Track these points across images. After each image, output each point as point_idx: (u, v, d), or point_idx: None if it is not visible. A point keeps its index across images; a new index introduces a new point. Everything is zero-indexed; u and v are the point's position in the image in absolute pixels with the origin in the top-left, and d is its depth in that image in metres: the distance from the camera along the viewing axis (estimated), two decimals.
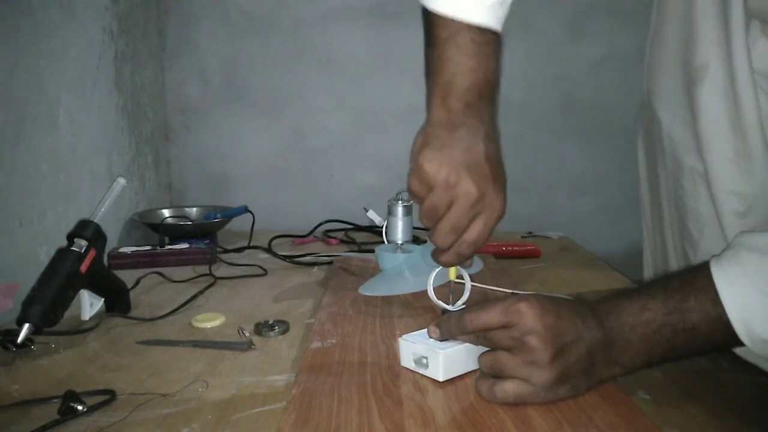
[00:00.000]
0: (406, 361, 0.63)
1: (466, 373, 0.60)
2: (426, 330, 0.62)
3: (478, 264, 0.96)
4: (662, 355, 0.53)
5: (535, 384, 0.53)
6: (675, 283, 0.54)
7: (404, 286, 0.87)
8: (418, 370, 0.61)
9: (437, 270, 0.68)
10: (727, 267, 0.52)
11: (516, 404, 0.53)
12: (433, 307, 0.82)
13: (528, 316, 0.53)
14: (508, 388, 0.53)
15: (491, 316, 0.55)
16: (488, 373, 0.56)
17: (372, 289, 0.87)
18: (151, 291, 0.99)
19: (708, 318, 0.51)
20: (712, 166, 0.72)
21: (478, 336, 0.57)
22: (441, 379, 0.59)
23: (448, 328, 0.59)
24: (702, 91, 0.72)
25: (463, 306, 0.68)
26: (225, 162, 1.67)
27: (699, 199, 0.76)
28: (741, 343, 0.51)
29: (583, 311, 0.55)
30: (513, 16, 0.61)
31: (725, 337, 0.51)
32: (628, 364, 0.54)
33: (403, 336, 0.64)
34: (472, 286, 0.70)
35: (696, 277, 0.53)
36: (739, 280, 0.51)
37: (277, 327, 0.78)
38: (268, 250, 1.24)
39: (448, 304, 0.68)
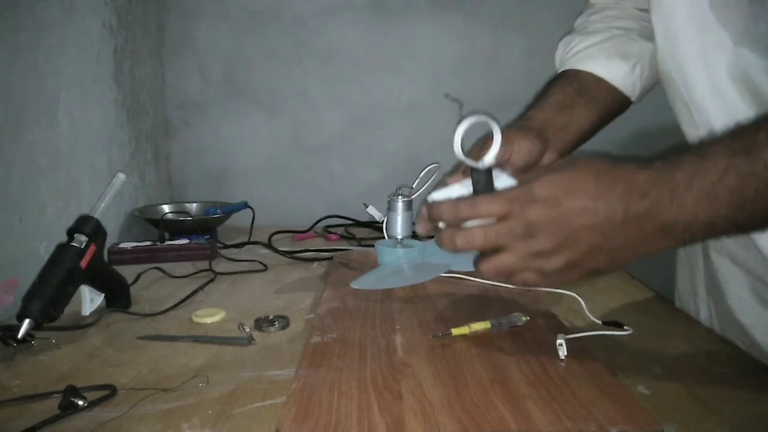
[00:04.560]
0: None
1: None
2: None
3: None
4: (727, 217, 0.45)
5: (547, 275, 0.53)
6: (745, 124, 0.46)
7: (400, 280, 0.86)
8: None
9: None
10: None
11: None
12: (433, 306, 0.82)
13: (531, 206, 0.50)
14: (519, 280, 0.54)
15: (494, 204, 0.53)
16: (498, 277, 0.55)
17: (363, 283, 0.86)
18: (151, 286, 0.99)
19: None
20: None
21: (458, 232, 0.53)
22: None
23: (438, 212, 0.55)
24: (672, 98, 0.71)
25: (494, 163, 0.58)
26: (225, 158, 1.67)
27: None
28: None
29: (613, 187, 0.49)
30: (514, 11, 0.61)
31: None
32: (683, 235, 0.47)
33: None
34: (471, 281, 0.69)
35: None
36: None
37: (277, 322, 0.78)
38: (268, 245, 1.24)
39: (477, 161, 0.58)
